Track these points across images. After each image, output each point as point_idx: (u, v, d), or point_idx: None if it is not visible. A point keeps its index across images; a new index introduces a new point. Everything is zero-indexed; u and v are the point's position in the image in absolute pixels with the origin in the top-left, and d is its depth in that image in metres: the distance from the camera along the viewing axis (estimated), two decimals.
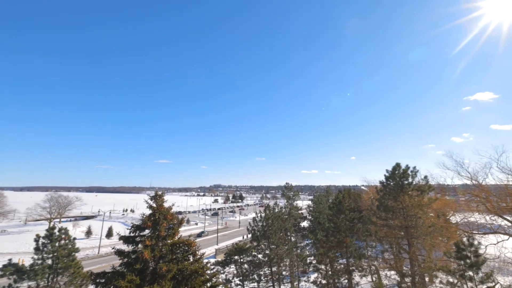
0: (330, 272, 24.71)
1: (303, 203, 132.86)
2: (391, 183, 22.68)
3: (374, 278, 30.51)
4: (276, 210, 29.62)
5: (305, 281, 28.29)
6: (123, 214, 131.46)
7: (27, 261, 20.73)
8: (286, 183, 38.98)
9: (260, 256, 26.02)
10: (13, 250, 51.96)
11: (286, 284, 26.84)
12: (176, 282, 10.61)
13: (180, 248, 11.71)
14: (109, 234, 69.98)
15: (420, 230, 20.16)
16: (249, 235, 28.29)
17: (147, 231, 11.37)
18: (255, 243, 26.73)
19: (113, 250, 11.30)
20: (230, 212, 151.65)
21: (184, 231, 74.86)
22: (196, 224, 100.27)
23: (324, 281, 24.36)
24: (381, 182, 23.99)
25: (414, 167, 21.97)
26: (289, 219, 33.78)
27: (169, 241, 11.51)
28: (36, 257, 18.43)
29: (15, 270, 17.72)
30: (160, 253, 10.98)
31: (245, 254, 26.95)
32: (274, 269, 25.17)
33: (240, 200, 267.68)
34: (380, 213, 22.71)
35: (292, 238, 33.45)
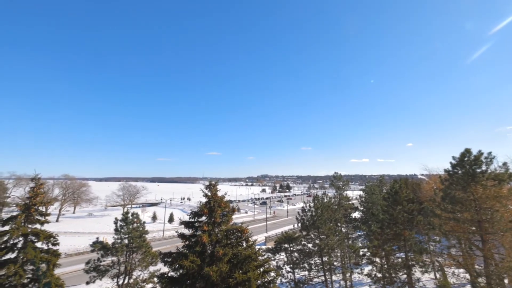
0: (386, 266, 23.44)
1: (353, 193, 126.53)
2: (459, 172, 20.08)
3: (438, 275, 27.85)
4: (325, 200, 29.02)
5: (358, 273, 27.35)
6: (181, 202, 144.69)
7: (109, 240, 24.75)
8: (335, 173, 37.69)
9: (310, 245, 26.06)
10: (98, 230, 62.06)
11: (338, 275, 26.46)
12: (232, 265, 11.46)
13: (233, 234, 12.54)
14: (171, 219, 78.02)
15: (498, 225, 17.53)
16: (298, 225, 28.48)
17: (204, 218, 12.45)
18: (304, 233, 26.83)
19: (176, 233, 12.69)
20: (277, 201, 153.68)
21: (236, 219, 79.01)
22: (246, 212, 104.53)
23: (379, 275, 23.25)
24: (446, 171, 21.43)
25: (489, 153, 18.99)
26: (339, 209, 32.82)
27: (223, 227, 12.42)
28: (116, 236, 21.81)
29: (102, 247, 21.31)
30: (216, 238, 11.96)
31: (294, 243, 27.31)
32: (325, 259, 24.98)
33: (287, 190, 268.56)
34: (445, 205, 20.41)
35: (343, 229, 32.52)
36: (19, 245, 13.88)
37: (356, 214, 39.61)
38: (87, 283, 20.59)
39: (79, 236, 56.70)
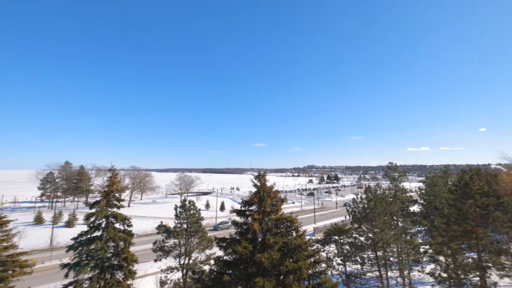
0: (452, 266, 21.07)
1: (411, 185, 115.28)
2: None
3: None
4: (379, 192, 27.20)
5: (418, 271, 25.21)
6: (230, 191, 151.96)
7: (170, 224, 27.73)
8: (389, 163, 34.84)
9: (362, 238, 24.96)
10: (161, 215, 69.62)
11: (394, 271, 24.84)
12: (282, 253, 11.80)
13: (283, 223, 12.81)
14: (222, 207, 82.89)
15: None
16: (348, 217, 27.45)
17: (254, 206, 12.97)
18: (356, 225, 25.77)
19: (230, 220, 13.51)
20: (325, 192, 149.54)
21: (284, 209, 79.79)
22: (293, 203, 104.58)
23: (444, 275, 21.07)
24: None
25: None
26: (394, 202, 30.43)
27: (273, 217, 12.77)
28: (176, 221, 24.24)
29: (165, 230, 23.93)
30: (266, 226, 12.39)
31: (345, 235, 26.46)
32: (379, 253, 23.68)
33: (335, 181, 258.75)
34: None
35: (399, 223, 30.19)
36: (103, 225, 16.56)
37: (415, 208, 36.23)
38: (155, 260, 23.53)
39: (146, 219, 64.56)
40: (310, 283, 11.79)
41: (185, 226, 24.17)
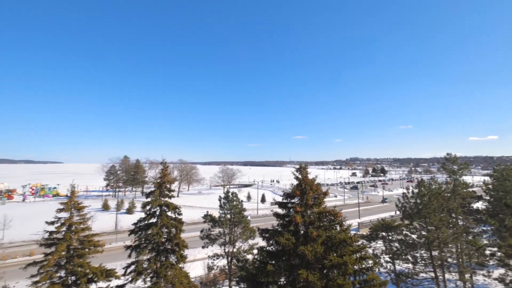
0: None
1: (474, 179, 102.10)
2: None
3: None
4: (433, 186, 24.70)
5: (484, 275, 22.46)
6: (271, 184, 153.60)
7: (215, 214, 29.31)
8: (447, 154, 31.18)
9: (414, 236, 23.12)
10: (206, 205, 73.96)
11: (453, 274, 22.55)
12: (326, 247, 11.64)
13: (326, 217, 12.58)
14: (263, 199, 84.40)
15: None
16: (398, 212, 25.60)
17: (296, 199, 12.98)
18: (406, 221, 23.96)
19: (271, 212, 13.78)
20: (370, 186, 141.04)
21: (326, 202, 78.01)
22: (335, 196, 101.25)
23: None
24: None
25: None
26: (453, 197, 27.32)
27: (316, 210, 12.62)
28: (220, 211, 25.51)
29: (211, 219, 25.39)
30: (309, 219, 12.32)
31: (394, 232, 24.83)
32: (434, 253, 21.70)
33: (381, 174, 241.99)
34: None
35: (459, 221, 27.09)
36: (157, 213, 18.30)
37: (479, 205, 32.02)
38: (203, 247, 25.23)
39: (193, 209, 69.26)
40: (356, 279, 11.44)
41: (228, 216, 25.31)
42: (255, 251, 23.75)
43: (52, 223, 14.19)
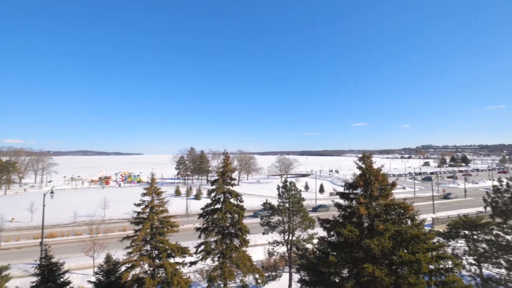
0: None
1: None
2: None
3: None
4: None
5: None
6: (329, 174, 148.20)
7: (273, 202, 29.98)
8: None
9: (508, 237, 19.30)
10: (264, 194, 76.25)
11: None
12: (394, 242, 10.75)
13: (394, 209, 11.56)
14: (321, 189, 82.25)
15: None
16: (486, 208, 21.66)
17: (359, 190, 12.26)
18: (498, 219, 20.15)
19: (332, 202, 13.36)
20: (448, 177, 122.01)
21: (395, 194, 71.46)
22: (404, 188, 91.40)
23: None
24: None
25: None
26: None
27: (382, 202, 11.70)
28: (279, 200, 25.97)
29: (270, 207, 26.14)
30: (374, 211, 11.52)
31: (480, 231, 21.17)
32: None
33: (463, 163, 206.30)
34: None
35: None
36: (221, 199, 19.80)
37: None
38: (263, 233, 26.29)
39: (252, 197, 72.33)
40: (431, 280, 10.30)
41: (287, 205, 25.59)
42: (315, 241, 23.57)
43: (139, 205, 16.87)
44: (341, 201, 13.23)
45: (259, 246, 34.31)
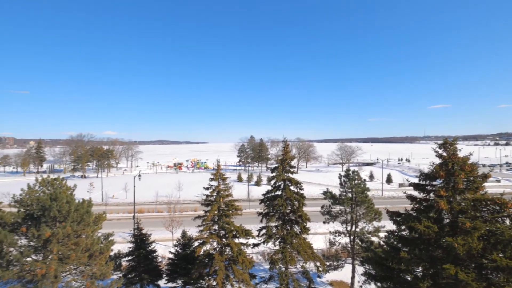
0: None
1: None
2: None
3: None
4: None
5: None
6: (398, 163, 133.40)
7: (334, 191, 28.83)
8: None
9: None
10: (324, 182, 74.07)
11: None
12: (486, 243, 9.14)
13: (487, 206, 9.75)
14: (389, 180, 75.02)
15: None
16: None
17: (438, 181, 10.74)
18: None
19: (404, 194, 12.11)
20: None
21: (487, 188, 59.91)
22: (498, 181, 75.54)
23: None
24: None
25: None
26: None
27: (469, 196, 10.01)
28: (341, 189, 24.88)
29: (331, 196, 25.33)
30: (458, 206, 9.95)
31: None
32: None
33: None
34: None
35: None
36: (281, 187, 20.15)
37: None
38: (324, 222, 25.81)
39: (312, 185, 71.25)
40: None
41: (350, 195, 24.32)
42: (381, 234, 21.94)
43: (207, 188, 18.60)
44: (415, 193, 11.86)
45: (319, 235, 33.88)
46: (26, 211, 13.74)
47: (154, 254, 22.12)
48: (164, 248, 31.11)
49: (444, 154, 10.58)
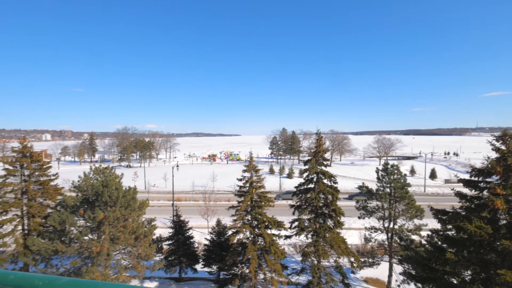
0: None
1: None
2: None
3: None
4: None
5: None
6: (445, 157, 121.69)
7: (370, 186, 27.51)
8: None
9: None
10: (359, 176, 71.01)
11: None
12: None
13: None
14: (433, 175, 69.15)
15: None
16: None
17: (494, 178, 9.64)
18: None
19: (452, 191, 11.12)
20: None
21: None
22: None
23: None
24: None
25: None
26: None
27: None
28: (378, 184, 23.66)
29: (367, 191, 24.27)
30: None
31: None
32: None
33: None
34: None
35: None
36: (314, 180, 19.82)
37: None
38: (359, 217, 24.92)
39: (346, 179, 68.72)
40: None
41: (388, 190, 23.05)
42: (423, 233, 20.52)
43: (240, 180, 19.09)
44: (466, 190, 10.81)
45: (354, 230, 32.82)
46: (83, 195, 15.54)
47: (192, 240, 23.56)
48: (200, 234, 32.89)
49: (503, 147, 9.40)
